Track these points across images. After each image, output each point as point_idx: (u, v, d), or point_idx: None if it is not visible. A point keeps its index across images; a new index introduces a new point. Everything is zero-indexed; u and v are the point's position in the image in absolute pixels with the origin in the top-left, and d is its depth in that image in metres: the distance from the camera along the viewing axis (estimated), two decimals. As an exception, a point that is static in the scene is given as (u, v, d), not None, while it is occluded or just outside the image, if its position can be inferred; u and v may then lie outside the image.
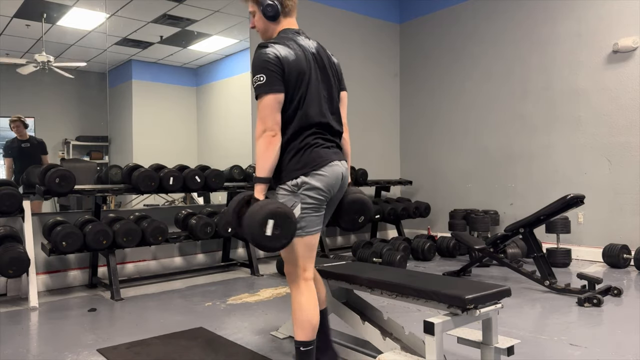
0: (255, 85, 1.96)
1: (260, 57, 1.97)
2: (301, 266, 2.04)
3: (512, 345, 2.10)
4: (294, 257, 2.04)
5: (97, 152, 6.17)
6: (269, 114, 1.94)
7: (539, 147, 5.67)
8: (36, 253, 4.01)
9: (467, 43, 6.37)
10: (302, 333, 2.02)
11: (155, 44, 6.73)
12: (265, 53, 1.97)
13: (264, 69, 1.95)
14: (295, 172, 1.98)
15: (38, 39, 5.55)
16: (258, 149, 1.94)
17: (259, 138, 1.94)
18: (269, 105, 1.94)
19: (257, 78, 1.95)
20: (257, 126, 1.95)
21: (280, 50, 1.98)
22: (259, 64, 1.96)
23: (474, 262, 4.53)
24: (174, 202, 6.07)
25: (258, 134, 1.95)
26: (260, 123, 1.94)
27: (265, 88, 1.94)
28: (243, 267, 5.05)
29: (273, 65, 1.95)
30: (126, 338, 2.92)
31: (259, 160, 1.94)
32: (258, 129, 1.95)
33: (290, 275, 2.07)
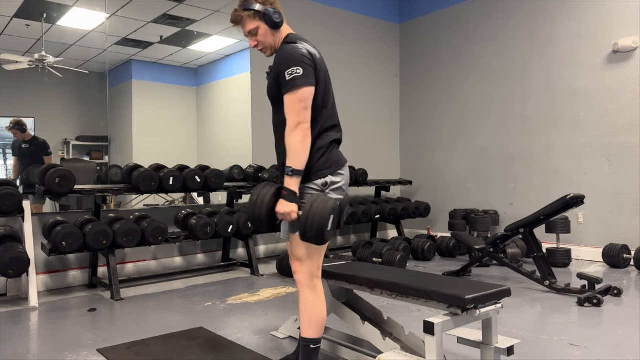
0: (290, 77, 1.91)
1: (293, 51, 1.96)
2: (317, 264, 2.06)
3: (512, 345, 2.10)
4: (316, 255, 2.05)
5: (97, 152, 6.17)
6: (306, 106, 1.92)
7: (539, 147, 5.67)
8: (36, 253, 4.01)
9: (467, 43, 6.37)
10: (315, 331, 2.03)
11: (155, 44, 6.73)
12: (298, 48, 1.97)
13: (300, 62, 1.93)
14: (324, 171, 2.01)
15: (38, 39, 5.55)
16: (293, 141, 1.91)
17: (293, 130, 1.91)
18: (306, 97, 1.93)
19: (293, 70, 1.91)
20: (291, 118, 1.91)
21: (309, 48, 2.01)
22: (294, 56, 1.94)
23: (474, 262, 4.53)
24: (174, 202, 6.07)
25: (292, 126, 1.91)
26: (294, 115, 1.91)
27: (304, 80, 1.92)
28: (243, 267, 5.05)
29: (308, 60, 1.95)
30: (126, 338, 2.92)
31: (294, 152, 1.91)
32: (292, 121, 1.91)
33: (304, 274, 2.05)
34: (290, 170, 1.91)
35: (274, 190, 1.93)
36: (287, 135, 1.92)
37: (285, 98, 1.94)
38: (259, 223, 1.93)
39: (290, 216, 1.90)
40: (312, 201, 1.88)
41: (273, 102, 2.11)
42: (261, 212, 1.90)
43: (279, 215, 1.91)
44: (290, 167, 1.91)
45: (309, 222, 1.84)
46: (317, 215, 1.83)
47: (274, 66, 2.02)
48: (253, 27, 2.06)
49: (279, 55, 2.00)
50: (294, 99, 1.91)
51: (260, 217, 1.91)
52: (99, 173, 5.56)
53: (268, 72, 2.13)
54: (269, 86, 2.08)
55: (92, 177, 5.44)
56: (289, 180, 1.91)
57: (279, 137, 2.09)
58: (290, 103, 1.92)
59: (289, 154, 1.92)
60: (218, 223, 4.54)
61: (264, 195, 1.91)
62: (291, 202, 1.90)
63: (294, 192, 1.91)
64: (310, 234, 1.85)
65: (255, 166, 5.26)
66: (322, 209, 1.84)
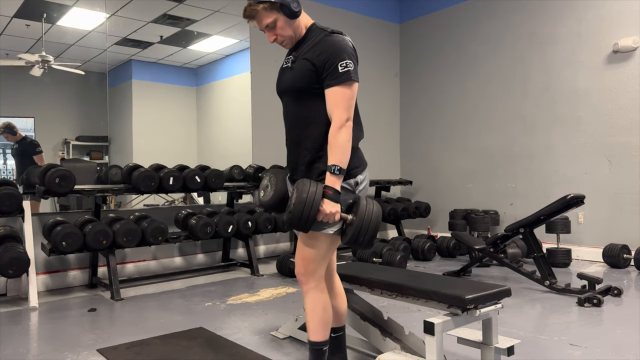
0: (344, 70, 1.82)
1: (344, 42, 1.87)
2: (326, 265, 2.01)
3: (512, 345, 2.10)
4: (327, 256, 1.98)
5: (97, 152, 6.17)
6: (353, 103, 1.87)
7: (539, 147, 5.67)
8: (36, 253, 4.00)
9: (467, 43, 6.37)
10: (322, 333, 1.97)
11: (155, 44, 6.73)
12: (348, 41, 1.89)
13: (352, 56, 1.86)
14: (355, 170, 1.94)
15: (38, 39, 5.55)
16: (341, 138, 1.82)
17: (341, 127, 1.82)
18: (354, 94, 1.86)
19: (347, 63, 1.82)
20: (339, 113, 1.82)
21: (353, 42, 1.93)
22: (347, 49, 1.85)
23: (474, 262, 4.53)
24: (174, 202, 6.07)
25: (341, 122, 1.82)
26: (344, 111, 1.83)
27: (355, 75, 1.85)
28: (243, 267, 5.05)
29: (355, 55, 1.89)
30: (126, 338, 2.92)
31: (342, 150, 1.82)
32: (341, 117, 1.82)
33: (313, 275, 1.95)
34: (337, 169, 1.81)
35: (322, 188, 1.81)
36: (335, 131, 1.82)
37: (333, 90, 1.83)
38: (306, 224, 1.80)
39: (334, 217, 1.82)
40: (366, 203, 1.82)
41: (297, 94, 1.96)
42: (312, 211, 1.77)
43: (321, 215, 1.80)
44: (336, 165, 1.81)
45: (364, 226, 1.77)
46: (373, 220, 1.78)
47: (315, 54, 1.87)
48: (270, 20, 1.91)
49: (328, 44, 1.86)
50: (346, 93, 1.83)
51: (309, 217, 1.78)
52: (99, 173, 5.56)
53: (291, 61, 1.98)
54: (298, 74, 1.92)
55: (92, 177, 5.44)
56: (333, 179, 1.82)
57: (301, 135, 1.97)
58: (341, 97, 1.83)
59: (334, 151, 1.82)
60: (218, 223, 4.54)
61: (314, 194, 1.78)
62: (336, 202, 1.82)
63: (339, 192, 1.83)
64: (363, 238, 1.78)
65: (255, 166, 5.26)
66: (377, 212, 1.79)
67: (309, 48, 1.91)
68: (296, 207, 1.77)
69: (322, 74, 1.85)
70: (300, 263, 1.97)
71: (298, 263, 1.99)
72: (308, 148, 1.94)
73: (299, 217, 1.77)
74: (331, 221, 1.83)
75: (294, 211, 1.77)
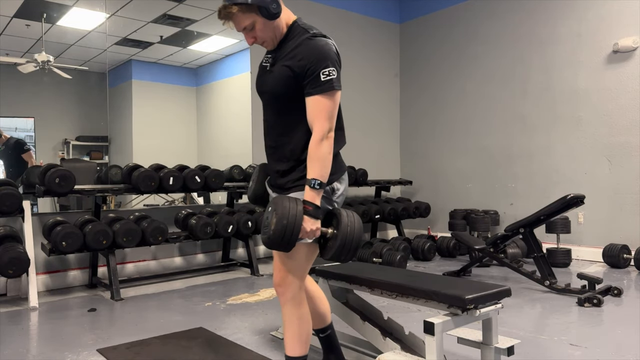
0: (327, 78, 1.73)
1: (328, 47, 1.77)
2: (305, 276, 1.93)
3: (512, 345, 2.10)
4: (306, 266, 1.90)
5: (97, 152, 6.18)
6: (335, 113, 1.78)
7: (539, 147, 5.67)
8: (36, 253, 4.01)
9: (467, 43, 6.37)
10: (299, 348, 1.89)
11: (155, 44, 6.73)
12: (331, 45, 1.79)
13: (336, 62, 1.77)
14: (332, 177, 1.84)
15: (38, 39, 5.56)
16: (322, 150, 1.73)
17: (323, 139, 1.73)
18: (337, 103, 1.78)
19: (330, 71, 1.73)
20: (321, 124, 1.73)
21: (336, 46, 1.83)
22: (330, 55, 1.76)
23: (474, 262, 4.53)
24: (174, 202, 6.07)
25: (322, 133, 1.73)
26: (325, 122, 1.74)
27: (339, 83, 1.76)
28: (243, 267, 5.05)
29: (339, 60, 1.80)
30: (126, 338, 2.92)
31: (323, 164, 1.74)
32: (322, 128, 1.73)
33: (291, 287, 1.87)
34: (317, 184, 1.72)
35: (302, 207, 1.70)
36: (316, 143, 1.73)
37: (314, 99, 1.74)
38: (287, 245, 1.69)
39: (315, 233, 1.73)
40: (347, 217, 1.72)
41: (276, 99, 1.88)
42: (293, 235, 1.66)
43: (302, 233, 1.71)
44: (317, 179, 1.72)
45: (348, 241, 1.69)
46: (356, 234, 1.70)
47: (295, 58, 1.77)
48: (248, 22, 1.79)
49: (310, 48, 1.75)
50: (328, 103, 1.74)
51: (291, 240, 1.67)
52: (99, 173, 5.56)
53: (270, 62, 1.90)
54: (276, 79, 1.84)
55: (92, 177, 5.44)
56: (313, 194, 1.72)
57: (279, 140, 1.90)
58: (322, 107, 1.74)
59: (314, 164, 1.73)
60: (218, 223, 4.54)
61: (294, 217, 1.66)
62: (317, 219, 1.73)
63: (319, 207, 1.73)
64: (347, 254, 1.70)
65: (255, 166, 5.26)
66: (359, 225, 1.71)
67: (289, 51, 1.81)
68: (276, 233, 1.66)
69: (303, 80, 1.76)
70: (278, 274, 1.89)
71: (275, 274, 1.91)
72: (286, 155, 1.87)
73: (280, 241, 1.67)
74: (311, 238, 1.74)
75: (274, 237, 1.66)
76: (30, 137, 5.75)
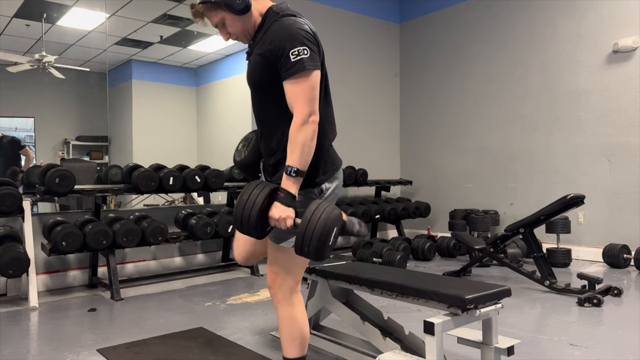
0: (297, 59, 1.60)
1: (295, 26, 1.65)
2: (297, 279, 1.86)
3: (512, 345, 2.10)
4: (296, 267, 1.83)
5: (97, 152, 6.18)
6: (315, 95, 1.64)
7: (539, 147, 5.67)
8: (36, 253, 4.00)
9: (467, 43, 6.37)
10: (299, 349, 1.85)
11: (155, 44, 6.73)
12: (300, 23, 1.68)
13: (306, 40, 1.64)
14: (322, 177, 1.78)
15: (38, 38, 5.56)
16: (302, 136, 1.61)
17: (303, 124, 1.61)
18: (316, 84, 1.64)
19: (299, 50, 1.61)
20: (299, 108, 1.62)
21: (310, 24, 1.72)
22: (298, 33, 1.63)
23: (474, 262, 4.53)
24: (174, 202, 6.07)
25: (303, 117, 1.61)
26: (305, 105, 1.62)
27: (311, 63, 1.62)
28: (243, 267, 5.05)
29: (312, 38, 1.67)
30: (126, 338, 2.92)
31: (302, 150, 1.62)
32: (302, 111, 1.61)
33: (282, 290, 1.82)
34: (293, 170, 1.62)
35: (268, 191, 1.63)
36: (295, 129, 1.62)
37: (288, 84, 1.64)
38: (248, 227, 1.63)
39: (286, 222, 1.61)
40: (314, 208, 1.58)
41: (257, 89, 1.80)
42: (251, 215, 1.60)
43: (271, 220, 1.63)
44: (293, 166, 1.62)
45: (307, 234, 1.55)
46: (319, 226, 1.54)
47: (265, 43, 1.68)
48: (217, 19, 1.76)
49: (276, 30, 1.66)
50: (303, 85, 1.62)
51: (250, 221, 1.61)
52: (99, 173, 5.57)
53: (249, 51, 1.83)
54: (252, 69, 1.77)
55: (92, 177, 5.44)
56: (288, 182, 1.63)
57: (265, 132, 1.83)
58: (298, 90, 1.62)
59: (293, 151, 1.62)
60: (218, 223, 4.54)
61: (256, 195, 1.61)
62: (288, 207, 1.62)
63: (293, 196, 1.63)
64: (308, 248, 1.56)
65: None
66: (325, 218, 1.55)
67: (261, 37, 1.73)
68: (235, 210, 1.62)
69: (276, 65, 1.66)
70: (270, 275, 1.85)
71: (268, 274, 1.87)
72: (273, 148, 1.80)
73: (239, 220, 1.62)
74: (282, 227, 1.63)
75: (234, 214, 1.63)
76: (30, 137, 5.76)
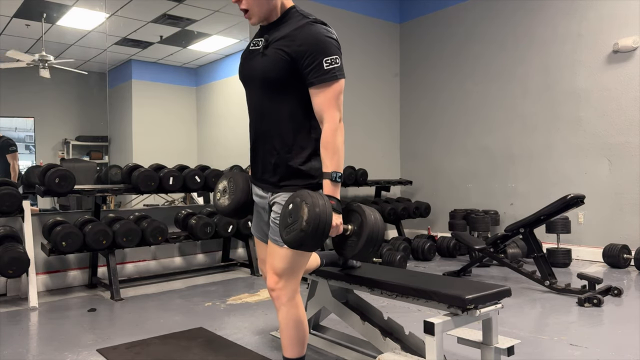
0: (331, 67, 1.66)
1: (329, 35, 1.71)
2: (299, 279, 1.88)
3: (512, 345, 2.10)
4: (300, 268, 1.85)
5: (97, 152, 6.17)
6: (342, 101, 1.72)
7: (539, 147, 5.67)
8: (36, 253, 4.01)
9: (467, 43, 6.37)
10: (297, 350, 1.86)
11: (155, 44, 6.73)
12: (332, 32, 1.73)
13: (338, 51, 1.71)
14: None
15: (38, 38, 5.55)
16: (338, 141, 1.68)
17: (336, 129, 1.68)
18: (342, 90, 1.72)
19: (333, 59, 1.67)
20: (331, 114, 1.68)
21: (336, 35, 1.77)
22: (332, 43, 1.70)
23: (474, 262, 4.53)
24: (174, 202, 6.07)
25: (334, 123, 1.68)
26: (336, 111, 1.69)
27: (342, 71, 1.71)
28: (243, 267, 5.05)
29: (340, 48, 1.74)
30: (126, 338, 2.92)
31: (339, 155, 1.69)
32: (334, 117, 1.68)
33: (287, 290, 1.82)
34: (338, 176, 1.67)
35: (329, 201, 1.64)
36: (330, 134, 1.67)
37: (319, 89, 1.68)
38: (319, 241, 1.60)
39: (339, 229, 1.67)
40: (369, 212, 1.67)
41: (267, 85, 1.76)
42: (326, 228, 1.58)
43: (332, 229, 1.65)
44: (337, 171, 1.67)
45: (374, 237, 1.64)
46: (381, 229, 1.66)
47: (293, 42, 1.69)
48: None
49: (309, 35, 1.68)
50: (335, 91, 1.68)
51: (324, 234, 1.59)
52: (99, 173, 5.56)
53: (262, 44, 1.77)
54: (271, 63, 1.73)
55: (92, 177, 5.44)
56: (333, 188, 1.68)
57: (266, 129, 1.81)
58: (330, 97, 1.68)
59: (332, 156, 1.67)
60: (218, 223, 4.54)
61: (325, 202, 1.60)
62: (340, 213, 1.67)
63: (340, 201, 1.69)
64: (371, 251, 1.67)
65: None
66: (381, 220, 1.67)
67: (286, 34, 1.72)
68: (310, 223, 1.55)
69: (302, 68, 1.69)
70: (272, 278, 1.82)
71: (270, 277, 1.83)
72: (276, 148, 1.79)
73: (314, 234, 1.57)
74: (335, 234, 1.68)
75: (307, 229, 1.56)
76: (30, 137, 5.75)
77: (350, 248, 1.74)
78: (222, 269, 5.06)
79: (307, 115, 1.77)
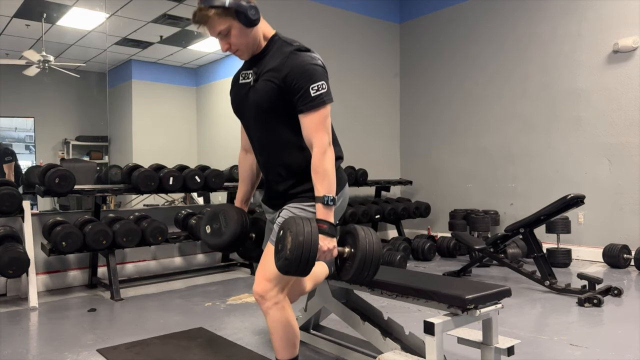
0: (317, 94, 1.72)
1: (314, 62, 1.76)
2: (288, 283, 1.86)
3: (512, 345, 2.10)
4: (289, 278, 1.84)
5: (97, 152, 6.18)
6: (329, 124, 1.78)
7: (539, 147, 5.67)
8: (36, 253, 4.01)
9: (467, 43, 6.37)
10: (291, 350, 1.88)
11: (155, 44, 6.73)
12: (316, 58, 1.78)
13: (324, 76, 1.77)
14: None
15: (38, 39, 5.56)
16: (326, 164, 1.72)
17: (326, 152, 1.72)
18: (329, 115, 1.77)
19: (319, 86, 1.73)
20: (320, 139, 1.73)
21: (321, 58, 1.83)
22: (317, 69, 1.75)
23: (474, 262, 4.53)
24: (174, 202, 6.07)
25: (323, 147, 1.72)
26: (324, 135, 1.73)
27: (329, 96, 1.76)
28: (243, 267, 5.05)
29: (326, 72, 1.80)
30: (126, 338, 2.92)
31: (329, 178, 1.72)
32: (322, 141, 1.73)
33: (274, 294, 1.81)
34: (330, 200, 1.70)
35: (315, 225, 1.64)
36: (319, 157, 1.71)
37: (307, 116, 1.73)
38: (305, 269, 1.61)
39: (332, 253, 1.68)
40: (364, 234, 1.70)
41: (263, 117, 1.83)
42: (311, 255, 1.59)
43: (320, 254, 1.65)
44: (328, 195, 1.70)
45: (367, 260, 1.67)
46: (376, 251, 1.67)
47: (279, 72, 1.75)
48: (223, 27, 1.74)
49: (295, 64, 1.74)
50: (321, 117, 1.74)
51: (309, 262, 1.60)
52: (99, 173, 5.56)
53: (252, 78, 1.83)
54: (262, 96, 1.79)
55: (92, 177, 5.44)
56: (326, 211, 1.70)
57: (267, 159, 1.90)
58: (317, 122, 1.73)
59: (323, 180, 1.71)
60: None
61: (310, 234, 1.60)
62: (332, 237, 1.68)
63: (334, 225, 1.71)
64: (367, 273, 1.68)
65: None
66: (378, 242, 1.68)
67: (273, 66, 1.77)
68: (293, 252, 1.57)
69: (291, 96, 1.75)
70: (260, 283, 1.82)
71: (259, 282, 1.82)
72: (282, 175, 1.87)
73: (298, 262, 1.59)
74: (329, 258, 1.69)
75: (292, 258, 1.58)
76: (30, 137, 5.76)
77: (346, 271, 1.77)
78: (222, 269, 5.06)
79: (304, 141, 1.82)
